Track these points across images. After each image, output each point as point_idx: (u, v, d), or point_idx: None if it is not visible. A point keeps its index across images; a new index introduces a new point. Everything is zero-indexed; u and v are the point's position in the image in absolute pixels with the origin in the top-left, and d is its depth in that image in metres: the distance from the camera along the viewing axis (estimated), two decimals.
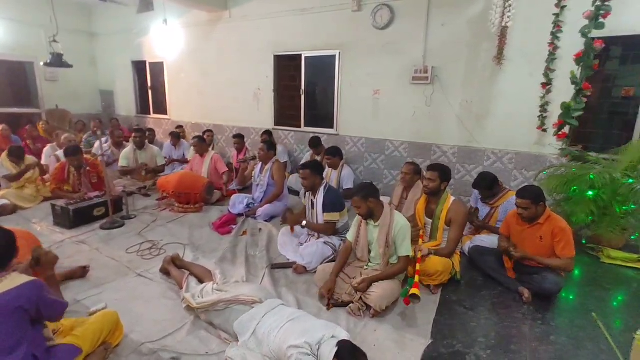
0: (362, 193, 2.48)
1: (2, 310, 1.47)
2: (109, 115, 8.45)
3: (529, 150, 4.19)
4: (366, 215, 2.52)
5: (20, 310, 1.50)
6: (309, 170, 3.11)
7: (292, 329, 1.85)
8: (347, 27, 5.07)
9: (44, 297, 1.59)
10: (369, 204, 2.48)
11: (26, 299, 1.51)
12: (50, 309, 1.63)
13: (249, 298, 2.11)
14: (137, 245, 3.33)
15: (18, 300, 1.49)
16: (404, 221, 2.50)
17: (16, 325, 1.51)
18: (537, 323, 2.37)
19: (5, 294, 1.49)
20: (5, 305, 1.48)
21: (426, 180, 2.86)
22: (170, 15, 6.72)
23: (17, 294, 1.51)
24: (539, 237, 2.65)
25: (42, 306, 1.58)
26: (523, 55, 4.01)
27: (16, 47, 7.01)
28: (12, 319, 1.49)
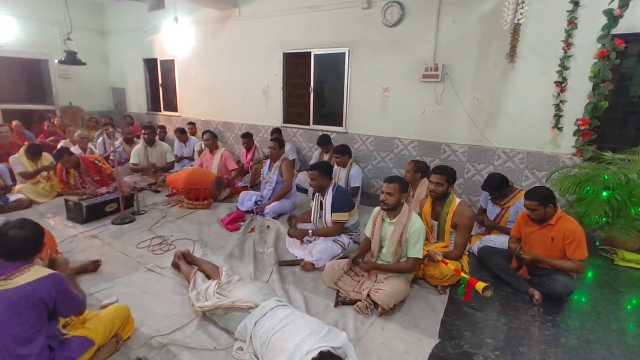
0: (401, 184, 2.48)
1: (25, 301, 1.52)
2: (121, 112, 8.59)
3: (541, 150, 4.12)
4: (391, 206, 2.49)
5: (41, 303, 1.55)
6: (317, 171, 3.11)
7: (277, 345, 1.78)
8: (357, 25, 5.04)
9: (63, 290, 1.64)
10: (401, 198, 2.48)
11: (46, 292, 1.56)
12: (68, 303, 1.68)
13: (245, 304, 2.05)
14: (148, 240, 3.38)
15: (39, 292, 1.54)
16: (420, 223, 2.49)
17: (36, 316, 1.55)
18: (547, 325, 2.34)
19: (28, 285, 1.54)
20: (29, 296, 1.52)
21: (433, 184, 2.79)
22: (180, 13, 6.77)
23: (39, 286, 1.56)
24: (550, 239, 2.61)
25: (60, 300, 1.62)
26: (536, 52, 3.94)
27: (31, 45, 7.15)
28: (33, 311, 1.54)
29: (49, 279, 1.60)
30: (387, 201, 2.49)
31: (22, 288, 1.53)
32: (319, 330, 1.83)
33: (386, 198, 2.49)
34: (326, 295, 2.58)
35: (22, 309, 1.52)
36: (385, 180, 2.55)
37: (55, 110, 7.56)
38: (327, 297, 2.55)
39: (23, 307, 1.52)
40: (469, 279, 2.36)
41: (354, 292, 2.52)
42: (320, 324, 1.92)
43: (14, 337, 1.50)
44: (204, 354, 1.95)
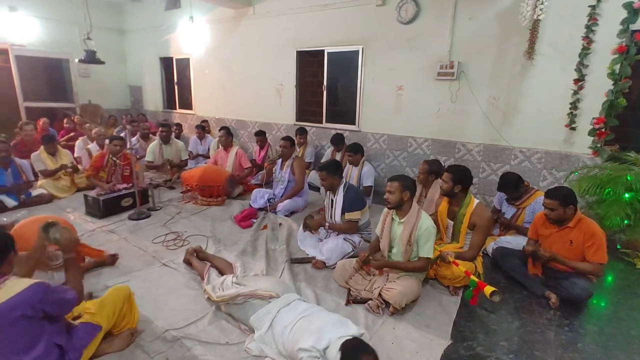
0: (402, 182, 2.46)
1: (6, 320, 1.44)
2: (137, 110, 8.77)
3: (560, 149, 4.01)
4: (395, 204, 2.48)
5: (25, 318, 1.47)
6: (326, 172, 3.11)
7: (303, 329, 1.84)
8: (371, 22, 5.01)
9: (47, 300, 1.55)
10: (404, 196, 2.45)
11: (28, 306, 1.48)
12: (57, 307, 1.62)
13: (267, 293, 2.13)
14: (162, 236, 3.45)
15: (19, 309, 1.46)
16: (429, 222, 2.46)
17: (26, 329, 1.50)
18: (564, 329, 2.29)
19: (5, 303, 1.44)
20: (8, 314, 1.44)
21: (441, 181, 2.81)
22: (196, 12, 6.86)
23: (16, 302, 1.46)
24: (569, 241, 2.54)
25: (49, 307, 1.56)
26: (556, 49, 3.83)
27: (53, 44, 7.37)
28: (18, 325, 1.47)
29: (28, 292, 1.49)
30: (389, 199, 2.49)
31: (6, 302, 1.45)
32: (343, 321, 1.91)
33: (388, 197, 2.50)
34: (337, 294, 2.58)
35: (6, 326, 1.45)
36: (388, 179, 2.56)
37: (75, 108, 7.78)
38: (339, 295, 2.55)
39: (6, 325, 1.45)
40: (478, 282, 2.31)
41: (365, 291, 2.52)
42: (342, 317, 1.99)
43: (12, 349, 1.48)
44: (216, 348, 1.98)
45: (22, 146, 5.02)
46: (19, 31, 6.84)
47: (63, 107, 7.54)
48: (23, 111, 7.01)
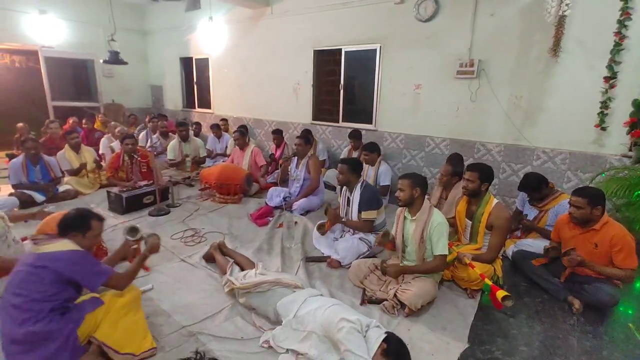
0: (413, 179, 2.45)
1: (40, 265, 1.73)
2: (158, 109, 8.99)
3: (586, 150, 3.86)
4: (405, 201, 2.47)
5: (53, 271, 1.73)
6: (347, 167, 3.10)
7: (341, 309, 1.95)
8: (389, 21, 4.95)
9: (79, 265, 1.80)
10: (414, 192, 2.43)
11: (60, 264, 1.75)
12: (86, 276, 1.82)
13: (292, 281, 2.23)
14: (181, 232, 3.52)
15: (53, 263, 1.74)
16: (441, 219, 2.42)
17: (51, 280, 1.73)
18: (588, 336, 2.20)
19: (47, 254, 1.77)
20: (44, 262, 1.73)
21: (465, 180, 2.73)
22: (215, 12, 6.96)
23: (54, 257, 1.77)
24: (594, 245, 2.44)
25: (77, 273, 1.79)
26: (582, 46, 3.68)
27: (79, 46, 7.64)
28: (47, 275, 1.72)
29: (67, 254, 1.80)
30: (399, 197, 2.49)
31: (42, 255, 1.77)
32: None
33: (398, 194, 2.50)
34: (352, 293, 2.57)
35: (38, 270, 1.73)
36: (399, 177, 2.56)
37: (99, 107, 8.05)
38: (353, 295, 2.55)
39: (38, 269, 1.73)
40: (491, 286, 2.25)
41: (381, 291, 2.50)
42: None
43: (34, 291, 1.70)
44: (231, 344, 2.01)
45: (49, 143, 5.23)
46: (48, 33, 7.12)
47: (88, 107, 7.80)
48: (51, 110, 7.31)
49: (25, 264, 1.76)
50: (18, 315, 1.68)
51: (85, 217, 1.97)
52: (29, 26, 6.91)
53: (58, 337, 1.71)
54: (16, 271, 1.77)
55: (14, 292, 1.71)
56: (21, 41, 6.90)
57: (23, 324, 1.66)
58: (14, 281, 1.74)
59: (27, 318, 1.67)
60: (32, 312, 1.68)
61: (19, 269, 1.77)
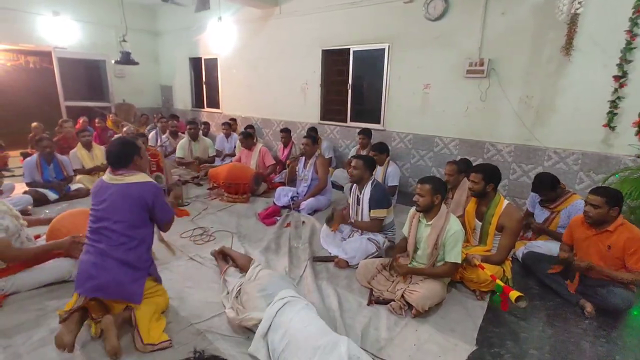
0: (434, 185, 2.40)
1: (131, 194, 2.01)
2: (168, 109, 9.10)
3: (599, 150, 3.78)
4: (424, 208, 2.42)
5: (142, 199, 2.02)
6: (362, 162, 3.09)
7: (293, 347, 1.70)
8: (398, 20, 4.93)
9: (158, 197, 2.09)
10: (435, 199, 2.39)
11: (146, 192, 2.03)
12: (162, 209, 2.12)
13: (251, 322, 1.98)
14: (190, 230, 3.55)
15: (141, 191, 2.02)
16: (458, 226, 2.38)
17: (139, 209, 2.03)
18: (600, 340, 2.16)
19: (135, 184, 2.04)
20: (134, 190, 2.02)
21: (470, 182, 2.70)
22: (224, 12, 7.01)
23: (141, 187, 2.05)
24: (607, 247, 2.39)
25: (157, 203, 2.06)
26: (596, 44, 3.61)
27: (91, 46, 7.78)
28: (137, 203, 2.01)
29: (149, 185, 2.08)
30: (418, 202, 2.43)
31: (130, 185, 2.03)
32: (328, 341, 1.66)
33: (418, 199, 2.44)
34: (359, 293, 2.56)
35: (130, 199, 2.00)
36: (419, 181, 2.49)
37: (110, 107, 8.18)
38: (361, 295, 2.54)
39: (130, 197, 2.00)
40: (503, 286, 2.22)
41: (388, 291, 2.48)
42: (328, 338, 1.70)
43: (127, 220, 1.99)
44: (238, 342, 2.01)
45: (63, 142, 5.33)
46: (61, 34, 7.26)
47: (99, 106, 7.94)
48: (64, 110, 7.45)
49: (111, 194, 2.00)
50: (116, 238, 1.95)
51: (130, 142, 2.20)
52: (43, 27, 7.06)
53: (140, 270, 2.03)
54: (100, 201, 2.02)
55: (109, 219, 1.97)
56: (35, 42, 7.05)
57: (119, 247, 1.95)
58: (106, 209, 1.98)
59: (122, 242, 1.96)
60: (126, 238, 1.97)
61: (103, 199, 2.01)
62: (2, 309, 2.23)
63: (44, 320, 2.09)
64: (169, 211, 2.21)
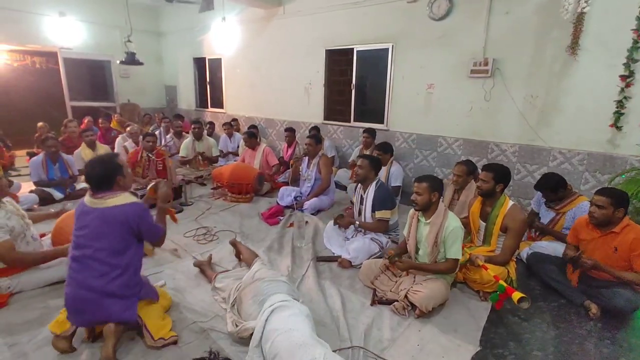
0: (431, 183, 2.40)
1: (113, 218, 1.86)
2: (172, 109, 9.14)
3: (604, 151, 3.75)
4: (422, 206, 2.42)
5: (126, 222, 1.88)
6: (369, 161, 3.10)
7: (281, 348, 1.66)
8: (402, 20, 4.92)
9: (144, 217, 1.95)
10: (432, 197, 2.39)
11: (130, 215, 1.89)
12: (148, 229, 1.99)
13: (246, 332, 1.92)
14: (194, 230, 3.57)
15: (125, 214, 1.87)
16: (456, 223, 2.38)
17: (123, 234, 1.89)
18: (605, 342, 2.14)
19: (117, 207, 1.88)
20: (116, 215, 1.87)
21: (480, 180, 2.68)
22: (228, 12, 7.03)
23: (124, 209, 1.89)
24: (613, 248, 2.37)
25: (142, 225, 1.94)
26: (602, 44, 3.58)
27: (96, 47, 7.84)
28: (120, 228, 1.87)
29: (133, 206, 1.93)
30: (416, 201, 2.43)
31: (112, 208, 1.88)
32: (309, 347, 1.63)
33: (415, 198, 2.44)
34: (362, 293, 2.56)
35: (112, 224, 1.86)
36: (415, 179, 2.49)
37: (115, 107, 8.23)
38: (364, 295, 2.54)
39: (112, 222, 1.86)
40: (506, 287, 2.21)
41: (391, 292, 2.48)
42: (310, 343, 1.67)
43: (109, 247, 1.85)
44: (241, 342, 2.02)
45: (68, 142, 5.37)
46: (67, 35, 7.31)
47: (104, 106, 7.99)
48: (69, 110, 7.52)
49: (92, 219, 1.86)
50: (98, 268, 1.83)
51: (111, 161, 1.99)
52: (49, 28, 7.12)
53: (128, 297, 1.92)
54: (81, 226, 1.88)
55: (90, 246, 1.84)
56: (41, 43, 7.12)
57: (102, 277, 1.83)
58: (87, 236, 1.85)
59: (105, 272, 1.83)
60: (108, 267, 1.84)
61: (84, 224, 1.87)
62: (8, 307, 2.26)
63: (48, 319, 2.11)
64: (158, 230, 2.06)
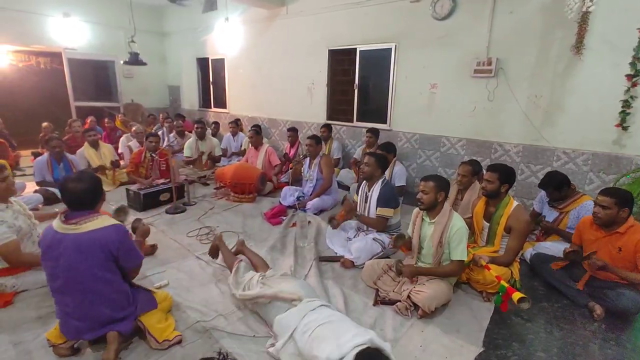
0: (438, 182, 2.39)
1: (91, 244, 1.73)
2: (175, 109, 9.18)
3: (609, 151, 3.72)
4: (428, 205, 2.42)
5: (105, 248, 1.75)
6: (375, 159, 3.09)
7: (321, 337, 1.73)
8: (404, 19, 4.90)
9: (125, 241, 1.84)
10: (438, 196, 2.39)
11: (110, 239, 1.76)
12: (129, 254, 1.87)
13: (289, 295, 2.05)
14: (196, 230, 3.58)
15: (104, 239, 1.75)
16: (461, 223, 2.37)
17: (104, 259, 1.76)
18: (609, 343, 2.13)
19: (95, 232, 1.75)
20: (94, 240, 1.74)
21: (484, 181, 2.67)
22: (231, 13, 7.05)
23: (104, 233, 1.76)
24: (617, 249, 2.36)
25: (122, 249, 1.81)
26: (607, 43, 3.56)
27: (100, 47, 7.88)
28: (100, 253, 1.75)
29: (113, 229, 1.80)
30: (422, 199, 2.42)
31: (89, 233, 1.73)
32: (366, 332, 1.75)
33: (421, 197, 2.43)
34: (365, 294, 2.56)
35: (90, 251, 1.72)
36: (422, 178, 2.48)
37: (119, 107, 8.27)
38: (366, 296, 2.53)
39: (90, 249, 1.72)
40: (507, 287, 2.20)
41: (394, 292, 2.47)
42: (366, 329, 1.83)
43: (90, 275, 1.74)
44: (243, 340, 2.02)
45: (72, 142, 5.40)
46: (71, 35, 7.37)
47: (108, 106, 8.03)
48: (73, 110, 7.56)
49: (65, 247, 1.71)
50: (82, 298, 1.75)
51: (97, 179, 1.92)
52: (54, 29, 7.17)
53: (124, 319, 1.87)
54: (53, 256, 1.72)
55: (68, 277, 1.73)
56: (46, 43, 7.16)
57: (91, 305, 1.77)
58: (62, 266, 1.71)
59: (91, 301, 1.77)
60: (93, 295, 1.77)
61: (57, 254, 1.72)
62: (13, 306, 2.27)
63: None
64: (137, 256, 1.95)
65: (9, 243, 2.21)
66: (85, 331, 1.81)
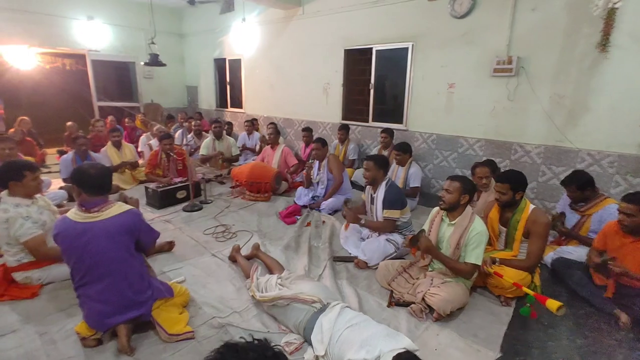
0: (464, 184, 2.35)
1: (119, 228, 1.87)
2: (193, 109, 9.35)
3: (637, 153, 3.57)
4: (450, 205, 2.37)
5: (129, 230, 1.91)
6: (373, 162, 3.06)
7: (351, 339, 1.76)
8: (422, 18, 4.84)
9: (143, 222, 2.02)
10: (462, 198, 2.35)
11: (132, 222, 1.93)
12: (149, 233, 2.06)
13: (309, 297, 2.05)
14: (213, 227, 3.63)
15: (128, 222, 1.90)
16: (482, 228, 2.31)
17: (128, 242, 1.91)
18: (636, 354, 2.04)
19: (118, 216, 1.90)
20: (121, 224, 1.88)
21: (496, 193, 2.58)
22: (248, 14, 7.13)
23: (126, 217, 1.91)
24: None
25: (143, 229, 1.99)
26: (635, 40, 3.41)
27: (122, 49, 8.10)
28: (125, 237, 1.90)
29: (132, 212, 1.97)
30: (444, 198, 2.38)
31: (114, 218, 1.88)
32: (394, 333, 1.79)
33: (444, 195, 2.38)
34: (379, 295, 2.54)
35: (116, 235, 1.86)
36: (449, 177, 2.44)
37: (139, 107, 8.49)
38: (381, 297, 2.51)
39: (117, 233, 1.86)
40: (535, 295, 2.12)
41: (409, 294, 2.44)
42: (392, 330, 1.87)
43: (118, 257, 1.87)
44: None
45: (95, 140, 5.58)
46: (95, 38, 7.62)
47: (129, 106, 8.25)
48: (96, 110, 7.81)
49: (93, 235, 1.81)
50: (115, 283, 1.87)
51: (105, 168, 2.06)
52: (78, 31, 7.42)
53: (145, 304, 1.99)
54: (82, 245, 1.80)
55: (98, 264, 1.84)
56: (71, 45, 7.43)
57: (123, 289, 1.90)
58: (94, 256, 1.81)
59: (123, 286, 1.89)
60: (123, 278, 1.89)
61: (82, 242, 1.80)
62: (39, 298, 2.36)
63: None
64: (154, 231, 2.14)
65: (35, 237, 2.30)
66: (110, 314, 1.89)
